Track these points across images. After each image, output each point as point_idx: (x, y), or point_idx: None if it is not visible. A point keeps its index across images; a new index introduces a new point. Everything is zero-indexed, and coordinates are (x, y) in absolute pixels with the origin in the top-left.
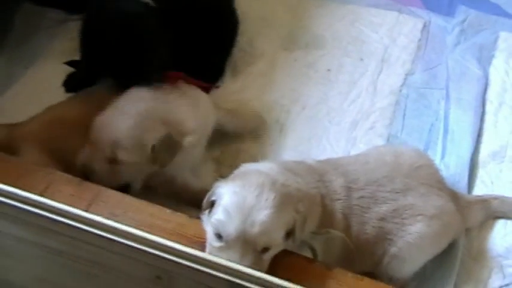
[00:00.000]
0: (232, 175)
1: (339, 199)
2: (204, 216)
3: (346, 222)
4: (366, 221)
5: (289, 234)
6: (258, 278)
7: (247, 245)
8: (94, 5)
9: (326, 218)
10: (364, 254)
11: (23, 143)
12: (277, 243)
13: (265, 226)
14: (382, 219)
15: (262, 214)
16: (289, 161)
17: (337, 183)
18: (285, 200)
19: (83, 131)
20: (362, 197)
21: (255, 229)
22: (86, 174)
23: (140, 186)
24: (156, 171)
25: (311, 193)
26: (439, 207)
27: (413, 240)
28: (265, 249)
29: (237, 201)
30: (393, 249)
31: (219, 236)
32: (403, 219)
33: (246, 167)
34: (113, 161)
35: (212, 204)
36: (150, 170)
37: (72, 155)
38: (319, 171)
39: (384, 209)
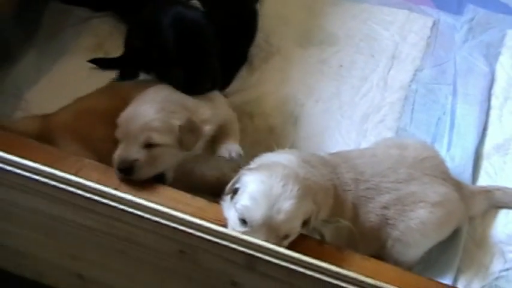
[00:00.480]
0: (255, 165)
1: (350, 190)
2: (225, 202)
3: (354, 212)
4: (371, 211)
5: (305, 223)
6: (275, 252)
7: (271, 231)
8: (154, 10)
9: (337, 208)
10: (369, 240)
11: (57, 132)
12: (296, 231)
13: (290, 214)
14: (384, 207)
15: (288, 203)
16: (305, 153)
17: (348, 176)
18: (306, 191)
19: (110, 121)
20: (368, 188)
21: (281, 216)
22: (127, 170)
23: (172, 176)
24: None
25: (326, 185)
26: (442, 195)
27: (415, 226)
28: (286, 236)
29: (264, 189)
30: (395, 233)
31: (243, 222)
32: (404, 205)
33: (267, 157)
34: (148, 145)
35: (235, 191)
36: (179, 155)
37: (100, 144)
38: (331, 164)
39: (386, 198)
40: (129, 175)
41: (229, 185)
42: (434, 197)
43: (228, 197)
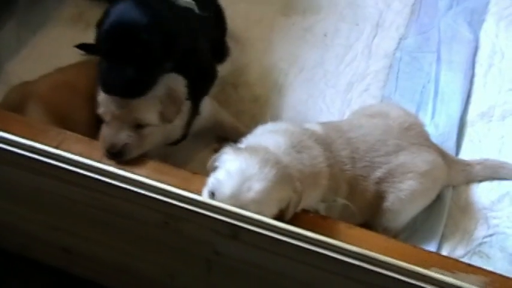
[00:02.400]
0: (244, 144)
1: (347, 170)
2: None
3: (351, 190)
4: (366, 188)
5: (283, 211)
6: (258, 221)
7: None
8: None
9: (333, 187)
10: (363, 212)
11: (31, 101)
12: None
13: (260, 195)
14: (377, 182)
15: (260, 184)
16: (297, 131)
17: (344, 154)
18: (285, 179)
19: (88, 97)
20: (364, 166)
21: (250, 194)
22: (116, 154)
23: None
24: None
25: (316, 170)
26: (429, 163)
27: (405, 196)
28: None
29: (239, 167)
30: (386, 204)
31: (212, 195)
32: (394, 177)
33: (258, 133)
34: (137, 126)
35: (215, 169)
36: (163, 132)
37: (74, 120)
38: (326, 141)
39: (379, 173)
40: (118, 158)
41: (210, 161)
42: (423, 166)
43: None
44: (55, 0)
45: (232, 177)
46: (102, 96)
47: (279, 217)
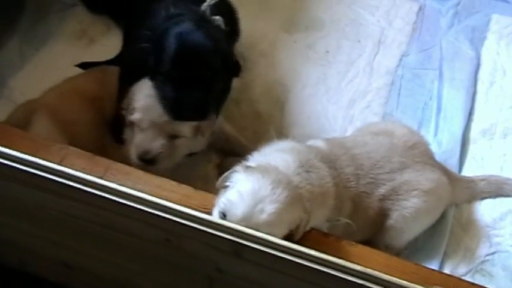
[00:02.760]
0: (253, 162)
1: (350, 187)
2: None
3: (354, 208)
4: (369, 205)
5: (292, 232)
6: (261, 239)
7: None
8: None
9: (338, 206)
10: (365, 230)
11: (36, 113)
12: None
13: (272, 217)
14: (381, 199)
15: (273, 206)
16: (304, 150)
17: (349, 171)
18: (296, 200)
19: (95, 105)
20: (368, 183)
21: (262, 217)
22: (148, 161)
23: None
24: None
25: (324, 190)
26: (433, 181)
27: (409, 214)
28: None
29: (252, 188)
30: (389, 222)
31: (223, 216)
32: (398, 195)
33: (266, 152)
34: (172, 136)
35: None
36: (193, 146)
37: (80, 127)
38: (331, 158)
39: (383, 190)
40: (149, 165)
41: (220, 179)
42: (427, 184)
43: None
44: (58, 16)
45: (245, 198)
46: (142, 103)
47: (288, 237)
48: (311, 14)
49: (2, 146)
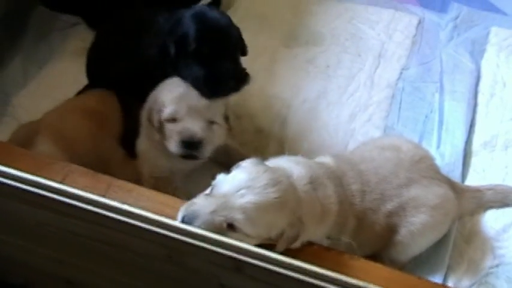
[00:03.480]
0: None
1: (355, 204)
2: None
3: (359, 224)
4: (375, 221)
5: (274, 240)
6: (260, 255)
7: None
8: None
9: (340, 223)
10: (371, 245)
11: (39, 132)
12: (247, 233)
13: (249, 207)
14: (388, 216)
15: (255, 197)
16: (315, 166)
17: (355, 188)
18: (284, 207)
19: (96, 121)
20: (374, 199)
21: (240, 201)
22: (194, 145)
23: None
24: None
25: (325, 209)
26: (440, 197)
27: (417, 230)
28: (231, 226)
29: (247, 175)
30: (397, 237)
31: (211, 190)
32: (406, 211)
33: (282, 160)
34: (211, 122)
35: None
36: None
37: (81, 143)
38: (338, 174)
39: (390, 206)
40: (194, 150)
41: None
42: (434, 200)
43: None
44: (60, 35)
45: (234, 180)
46: (172, 95)
47: (271, 245)
48: (311, 28)
49: (5, 165)
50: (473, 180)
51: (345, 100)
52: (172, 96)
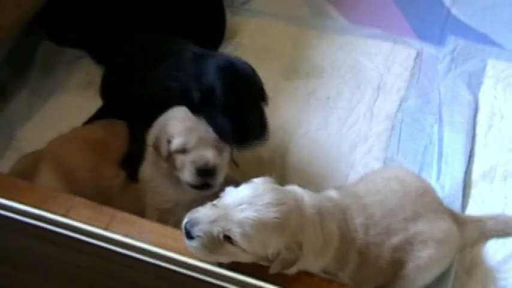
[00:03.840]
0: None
1: (358, 238)
2: None
3: (361, 259)
4: (380, 255)
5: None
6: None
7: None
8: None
9: (341, 257)
10: (375, 279)
11: (42, 161)
12: (243, 247)
13: (247, 224)
14: (394, 249)
15: (255, 215)
16: (324, 200)
17: (358, 221)
18: (282, 229)
19: (98, 152)
20: (378, 233)
21: (238, 216)
22: (209, 173)
23: None
24: None
25: (326, 244)
26: (445, 231)
27: (423, 263)
28: (228, 238)
29: (252, 191)
30: (404, 272)
31: (213, 205)
32: (413, 245)
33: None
34: (220, 151)
35: None
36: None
37: (82, 173)
38: (342, 207)
39: (395, 240)
40: (209, 177)
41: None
42: (440, 235)
43: None
44: (65, 68)
45: (239, 194)
46: (183, 126)
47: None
48: (312, 61)
49: (9, 198)
50: (473, 210)
51: (345, 132)
52: (182, 128)
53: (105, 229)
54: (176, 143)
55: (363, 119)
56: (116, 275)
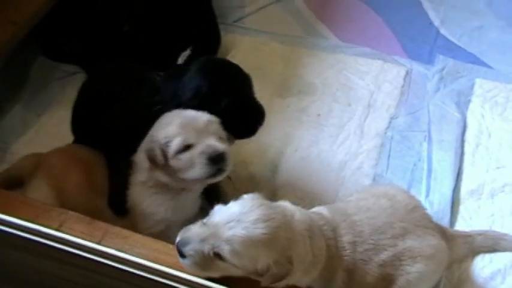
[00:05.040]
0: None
1: (346, 256)
2: None
3: (349, 276)
4: (368, 272)
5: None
6: None
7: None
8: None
9: (327, 274)
10: None
11: (38, 170)
12: (233, 263)
13: (236, 241)
14: (382, 265)
15: (243, 232)
16: (314, 217)
17: (346, 239)
18: (272, 245)
19: (85, 170)
20: (366, 250)
21: (227, 233)
22: (220, 160)
23: None
24: None
25: (314, 261)
26: (434, 247)
27: (413, 279)
28: (219, 255)
29: (240, 208)
30: (393, 287)
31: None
32: (402, 261)
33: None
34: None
35: None
36: None
37: (70, 188)
38: (332, 225)
39: (384, 256)
40: (222, 165)
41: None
42: (429, 250)
43: None
44: (59, 83)
45: (227, 211)
46: (173, 128)
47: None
48: (303, 79)
49: (2, 212)
50: (461, 227)
51: (336, 148)
52: (176, 127)
53: (98, 243)
54: (176, 143)
55: (353, 136)
56: None
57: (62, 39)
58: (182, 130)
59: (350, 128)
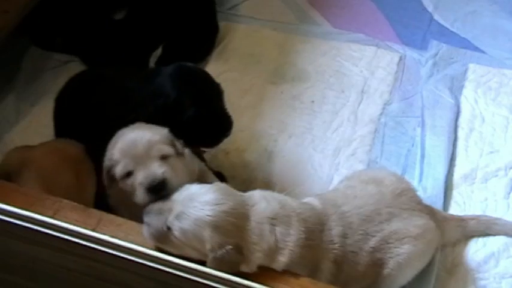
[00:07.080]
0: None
1: (334, 249)
2: None
3: (337, 268)
4: (358, 261)
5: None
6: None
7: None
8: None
9: (308, 265)
10: (355, 284)
11: (27, 167)
12: (181, 240)
13: (183, 218)
14: (371, 252)
15: (191, 210)
16: (290, 207)
17: (335, 232)
18: (214, 227)
19: (73, 168)
20: (356, 241)
21: (181, 208)
22: (160, 186)
23: None
24: None
25: (279, 246)
26: (421, 226)
27: (403, 260)
28: (168, 229)
29: (196, 191)
30: (386, 270)
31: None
32: (389, 244)
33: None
34: (163, 158)
35: None
36: (184, 165)
37: (58, 187)
38: (322, 218)
39: (372, 242)
40: (162, 191)
41: None
42: (415, 231)
43: None
44: (52, 73)
45: (187, 190)
46: (117, 152)
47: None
48: (297, 66)
49: None
50: (454, 212)
51: (330, 135)
52: (117, 152)
53: (93, 231)
54: (118, 169)
55: (347, 123)
56: (104, 277)
57: (54, 29)
58: (121, 156)
59: (344, 115)
